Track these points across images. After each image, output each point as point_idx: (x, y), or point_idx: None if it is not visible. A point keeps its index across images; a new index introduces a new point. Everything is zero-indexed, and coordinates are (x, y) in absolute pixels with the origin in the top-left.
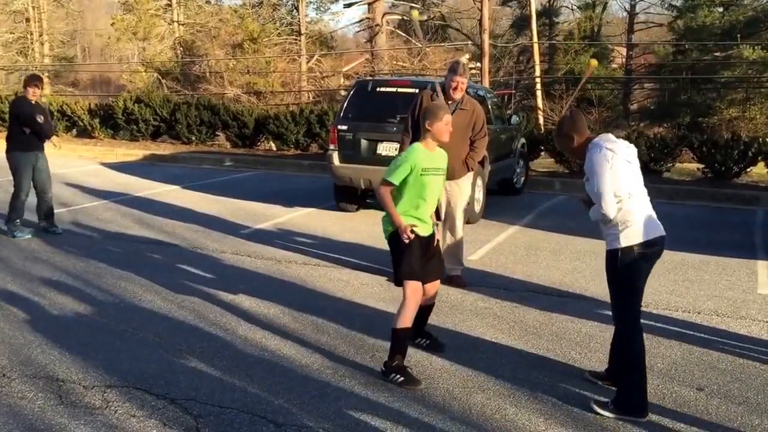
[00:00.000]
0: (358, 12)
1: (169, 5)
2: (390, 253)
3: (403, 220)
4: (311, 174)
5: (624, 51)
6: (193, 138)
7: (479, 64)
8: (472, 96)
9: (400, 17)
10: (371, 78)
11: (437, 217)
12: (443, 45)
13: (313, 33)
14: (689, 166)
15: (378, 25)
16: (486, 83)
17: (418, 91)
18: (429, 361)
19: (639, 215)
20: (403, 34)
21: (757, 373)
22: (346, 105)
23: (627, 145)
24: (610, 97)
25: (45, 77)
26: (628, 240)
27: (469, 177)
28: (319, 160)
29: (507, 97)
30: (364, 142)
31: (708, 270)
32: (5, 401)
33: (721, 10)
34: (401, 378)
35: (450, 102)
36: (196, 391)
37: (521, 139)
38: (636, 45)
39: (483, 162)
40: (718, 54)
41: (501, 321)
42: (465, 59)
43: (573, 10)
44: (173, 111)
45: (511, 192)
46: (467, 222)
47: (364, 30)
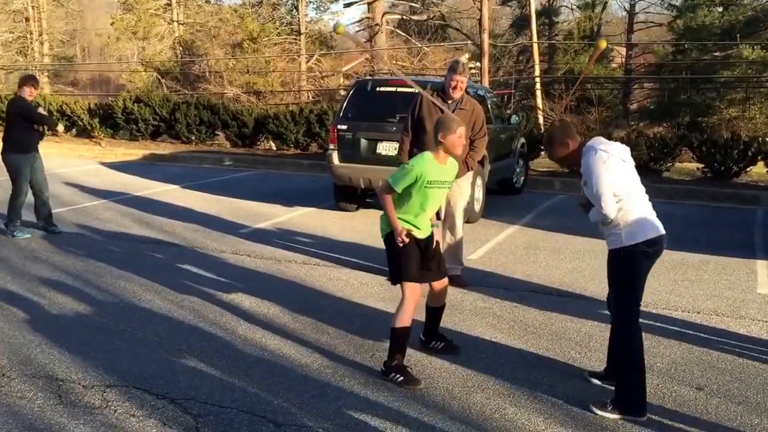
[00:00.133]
0: (357, 11)
1: (169, 5)
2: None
3: (401, 224)
4: (311, 173)
5: (624, 51)
6: (193, 137)
7: (479, 63)
8: (471, 95)
9: (399, 17)
10: (371, 77)
11: (437, 217)
12: (443, 45)
13: (313, 32)
14: (689, 165)
15: (378, 25)
16: (485, 83)
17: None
18: (428, 361)
19: (639, 214)
20: (403, 33)
21: (757, 373)
22: (345, 104)
23: (620, 146)
24: (609, 97)
25: (45, 77)
26: (629, 239)
27: (469, 176)
28: (319, 159)
29: (506, 97)
30: (363, 141)
31: (707, 269)
32: (5, 401)
33: (721, 9)
34: (401, 377)
35: (450, 101)
36: (195, 391)
37: (521, 139)
38: (636, 45)
39: (483, 161)
40: (717, 54)
41: (501, 321)
42: (465, 59)
43: (573, 9)
44: (173, 110)
45: (511, 191)
46: (467, 221)
47: (363, 30)
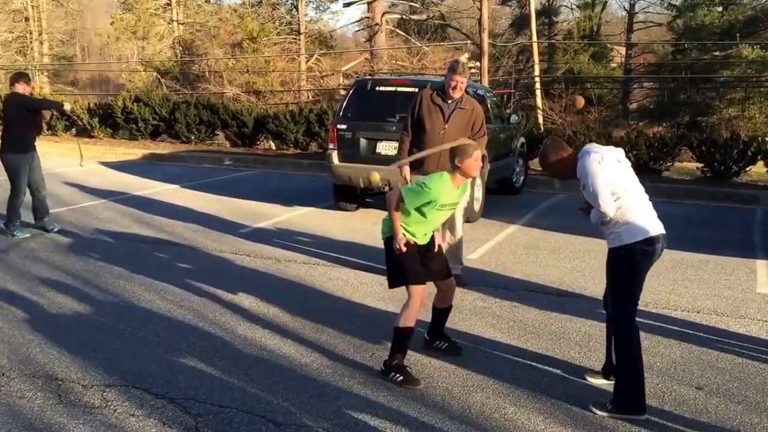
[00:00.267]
0: (357, 11)
1: (169, 4)
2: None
3: (402, 233)
4: (310, 173)
5: (623, 50)
6: (193, 137)
7: (478, 63)
8: (471, 95)
9: (399, 17)
10: (370, 77)
11: None
12: (443, 44)
13: (313, 32)
14: (688, 165)
15: (377, 25)
16: (485, 82)
17: (417, 90)
18: (428, 361)
19: (638, 213)
20: (403, 33)
21: (756, 372)
22: (345, 104)
23: (613, 149)
24: (609, 97)
25: (44, 76)
26: (629, 237)
27: None
28: (319, 159)
29: (506, 97)
30: (363, 141)
31: (707, 269)
32: (4, 400)
33: (721, 9)
34: (400, 377)
35: (449, 101)
36: (195, 391)
37: (521, 139)
38: (635, 44)
39: (482, 161)
40: (717, 53)
41: (500, 320)
42: (464, 58)
43: (572, 9)
44: (172, 110)
45: (511, 191)
46: (467, 221)
47: (363, 29)
